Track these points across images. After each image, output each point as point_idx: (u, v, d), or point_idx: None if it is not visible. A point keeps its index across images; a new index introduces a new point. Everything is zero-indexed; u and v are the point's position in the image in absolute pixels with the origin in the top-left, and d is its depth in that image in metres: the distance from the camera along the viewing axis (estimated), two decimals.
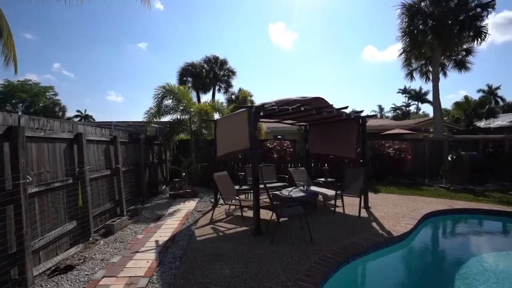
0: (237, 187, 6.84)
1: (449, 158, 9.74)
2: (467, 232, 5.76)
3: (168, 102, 9.23)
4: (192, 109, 9.42)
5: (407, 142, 11.27)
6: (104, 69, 75.01)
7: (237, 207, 6.05)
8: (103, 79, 75.93)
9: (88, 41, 65.58)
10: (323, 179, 8.24)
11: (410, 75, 19.61)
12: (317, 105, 5.48)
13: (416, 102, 53.56)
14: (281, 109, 4.89)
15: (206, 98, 30.66)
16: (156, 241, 4.37)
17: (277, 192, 6.35)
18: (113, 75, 77.51)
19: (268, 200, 5.75)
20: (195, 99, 14.30)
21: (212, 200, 7.20)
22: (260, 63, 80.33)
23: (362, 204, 6.52)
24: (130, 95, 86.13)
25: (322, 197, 6.58)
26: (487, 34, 11.88)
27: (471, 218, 6.05)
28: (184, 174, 8.67)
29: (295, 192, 6.27)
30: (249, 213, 5.94)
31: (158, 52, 71.05)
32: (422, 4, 12.76)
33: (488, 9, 11.73)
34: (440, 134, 14.46)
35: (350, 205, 6.66)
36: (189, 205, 7.04)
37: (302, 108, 5.16)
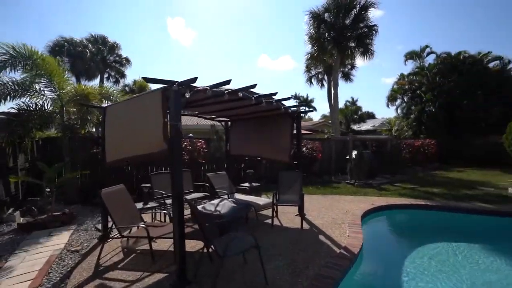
0: (140, 205, 4.79)
1: (354, 157, 10.66)
2: (410, 228, 5.96)
3: (18, 75, 5.93)
4: (64, 91, 6.43)
5: (318, 141, 11.76)
6: None
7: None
8: None
9: None
10: (248, 184, 7.15)
11: (309, 80, 21.61)
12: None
13: (304, 108, 61.79)
14: (215, 93, 3.38)
15: None
16: None
17: (200, 208, 4.77)
18: None
19: (191, 220, 4.14)
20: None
21: (99, 227, 4.83)
22: (157, 56, 73.26)
23: (297, 212, 5.84)
24: None
25: (253, 207, 5.43)
26: (374, 52, 14.07)
27: (399, 213, 6.29)
28: (49, 189, 5.69)
29: (223, 206, 4.85)
30: (162, 244, 4.10)
31: (14, 21, 52.78)
32: (326, 15, 13.86)
33: (373, 31, 13.89)
34: (338, 134, 16.26)
35: (283, 213, 5.84)
36: (57, 240, 4.43)
37: (241, 94, 3.81)
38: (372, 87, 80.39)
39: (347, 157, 11.83)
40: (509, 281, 3.47)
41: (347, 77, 20.90)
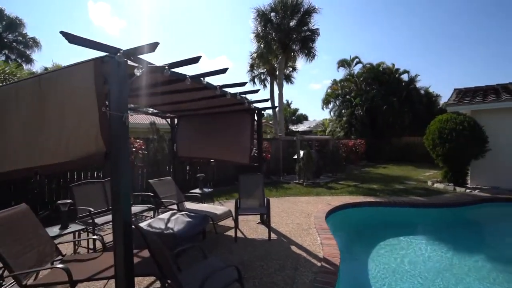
0: (55, 230, 3.45)
1: (302, 156, 10.75)
2: (374, 226, 6.10)
3: None
4: None
5: (267, 141, 11.51)
6: None
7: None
8: None
9: None
10: (199, 191, 6.24)
11: (252, 80, 21.48)
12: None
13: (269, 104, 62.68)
14: (175, 75, 2.52)
15: None
16: None
17: (145, 226, 3.76)
18: None
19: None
20: None
21: None
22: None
23: (259, 220, 5.30)
24: None
25: (211, 218, 4.62)
26: (315, 55, 14.71)
27: (357, 212, 6.36)
28: None
29: (176, 222, 3.93)
30: (90, 282, 2.95)
31: None
32: (272, 14, 13.81)
33: (315, 35, 14.53)
34: (283, 134, 16.45)
35: (243, 221, 5.22)
36: None
37: (205, 81, 3.02)
38: (302, 91, 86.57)
39: (295, 157, 11.96)
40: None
41: (288, 79, 21.58)
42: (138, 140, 7.77)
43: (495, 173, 8.83)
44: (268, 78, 20.59)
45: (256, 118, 5.20)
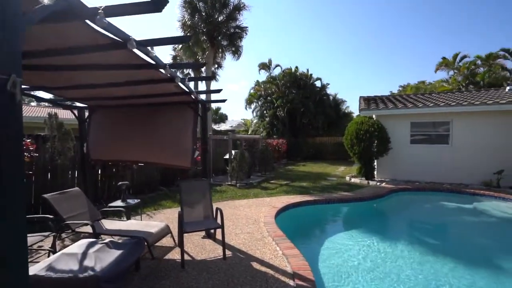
0: None
1: (234, 156, 10.26)
2: (327, 224, 6.33)
3: None
4: None
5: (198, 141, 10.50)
6: None
7: None
8: None
9: None
10: (121, 203, 4.87)
11: None
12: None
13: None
14: (114, 32, 1.56)
15: None
16: None
17: (43, 270, 2.48)
18: None
19: None
20: None
21: None
22: None
23: (204, 233, 4.48)
24: None
25: (145, 240, 3.55)
26: (241, 54, 14.50)
27: (301, 212, 6.36)
28: None
29: (97, 255, 2.75)
30: None
31: None
32: (201, 4, 12.74)
33: (244, 33, 14.29)
34: (211, 133, 15.53)
35: (185, 236, 4.30)
36: None
37: (154, 53, 2.09)
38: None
39: (226, 157, 11.37)
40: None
41: (212, 75, 20.79)
42: (24, 138, 5.60)
43: (391, 167, 10.62)
44: (192, 73, 19.27)
45: (200, 112, 4.37)
